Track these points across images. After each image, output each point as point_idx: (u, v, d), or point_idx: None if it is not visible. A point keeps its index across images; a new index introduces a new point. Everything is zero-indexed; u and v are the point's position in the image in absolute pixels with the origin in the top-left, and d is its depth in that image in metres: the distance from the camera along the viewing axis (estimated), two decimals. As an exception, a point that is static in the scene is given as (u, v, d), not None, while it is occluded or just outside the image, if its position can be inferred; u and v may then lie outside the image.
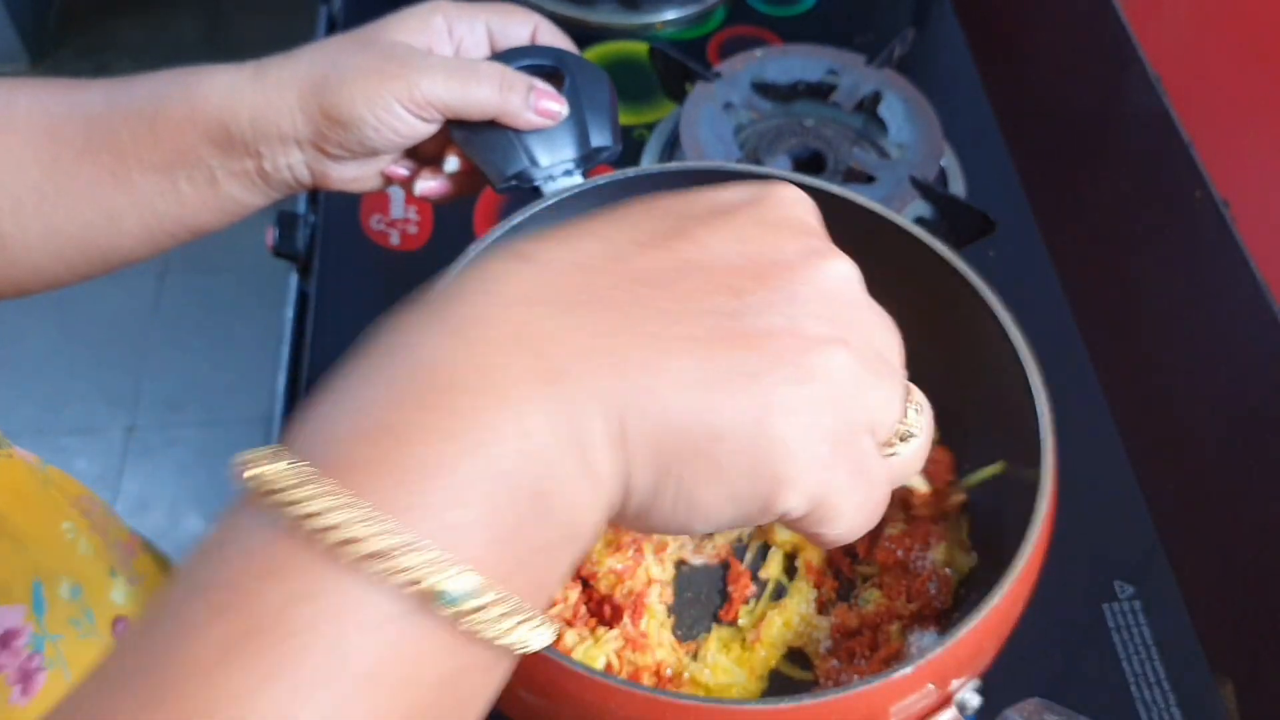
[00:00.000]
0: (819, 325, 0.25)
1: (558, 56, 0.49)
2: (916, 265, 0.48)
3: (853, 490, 0.26)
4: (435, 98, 0.44)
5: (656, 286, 0.24)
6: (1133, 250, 0.69)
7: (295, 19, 0.49)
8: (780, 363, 0.24)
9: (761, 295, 0.24)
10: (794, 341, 0.24)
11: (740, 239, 0.25)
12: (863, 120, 0.74)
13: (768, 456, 0.24)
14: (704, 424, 0.23)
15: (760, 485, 0.24)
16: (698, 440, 0.23)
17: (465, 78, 0.45)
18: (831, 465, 0.25)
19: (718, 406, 0.23)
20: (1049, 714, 0.36)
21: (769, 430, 0.24)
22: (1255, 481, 0.57)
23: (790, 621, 0.49)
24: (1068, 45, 0.79)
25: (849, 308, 0.26)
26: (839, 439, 0.25)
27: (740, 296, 0.24)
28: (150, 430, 1.59)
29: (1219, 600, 0.58)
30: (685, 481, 0.24)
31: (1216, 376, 0.60)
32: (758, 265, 0.25)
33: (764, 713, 0.34)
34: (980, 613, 0.37)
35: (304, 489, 0.21)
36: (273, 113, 0.44)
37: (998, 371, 0.45)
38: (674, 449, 0.23)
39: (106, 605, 0.51)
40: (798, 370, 0.24)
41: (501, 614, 0.21)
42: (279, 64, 0.45)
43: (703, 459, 0.23)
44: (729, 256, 0.25)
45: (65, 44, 2.07)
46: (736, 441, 0.24)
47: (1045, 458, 0.41)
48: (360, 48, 0.45)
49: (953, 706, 0.38)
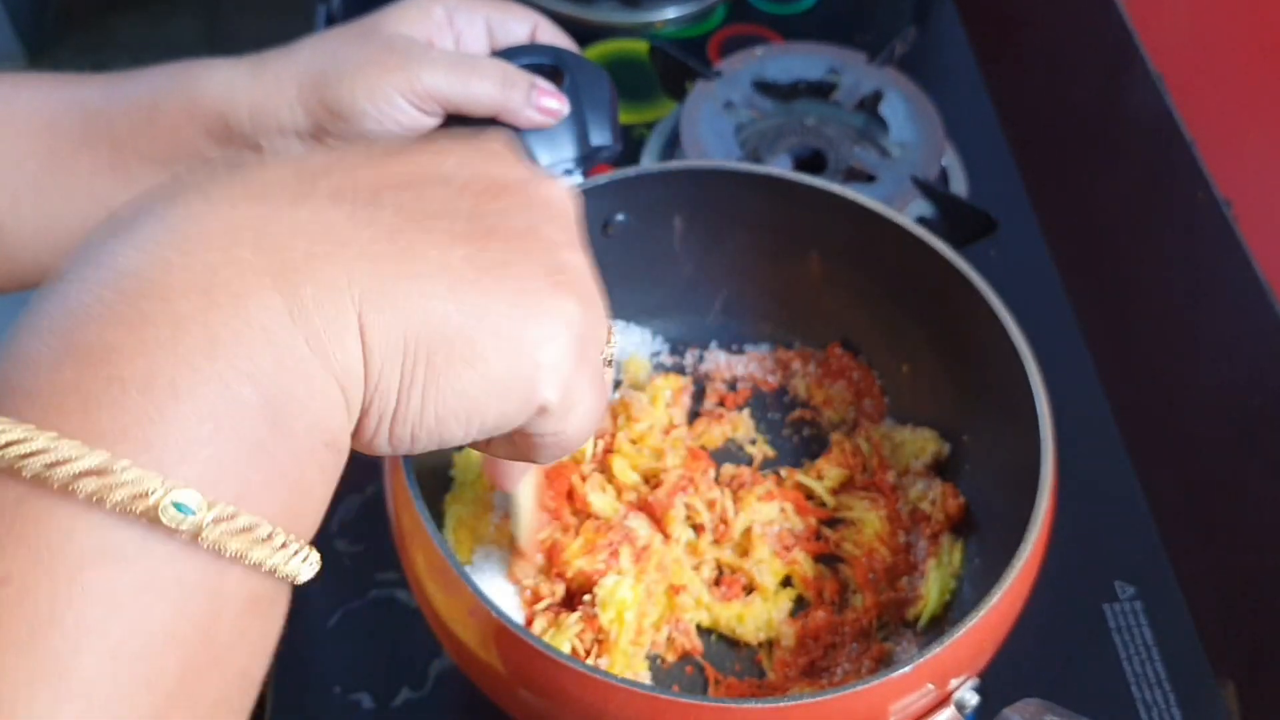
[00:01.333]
0: (558, 233, 0.25)
1: (557, 55, 0.49)
2: (917, 265, 0.48)
3: (592, 389, 0.26)
4: (436, 91, 0.44)
5: (395, 189, 0.23)
6: (1134, 249, 0.69)
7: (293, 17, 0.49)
8: (533, 258, 0.24)
9: (502, 203, 0.24)
10: (540, 243, 0.24)
11: (468, 163, 0.25)
12: (864, 119, 0.74)
13: (529, 352, 0.23)
14: (464, 310, 0.22)
15: (521, 369, 0.23)
16: (454, 336, 0.22)
17: (467, 72, 0.45)
18: (583, 360, 0.25)
19: (479, 293, 0.22)
20: (1049, 715, 0.36)
21: (534, 316, 0.23)
22: (1257, 482, 0.57)
23: None
24: (1070, 44, 0.79)
25: (573, 228, 0.27)
26: (587, 338, 0.25)
27: (482, 202, 0.24)
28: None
29: (1220, 600, 0.58)
30: (436, 375, 0.22)
31: (1218, 376, 0.60)
32: (491, 180, 0.25)
33: (764, 711, 0.34)
34: (980, 611, 0.37)
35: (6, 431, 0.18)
36: (272, 105, 0.44)
37: (998, 370, 0.45)
38: (428, 345, 0.22)
39: None
40: (553, 266, 0.24)
41: (243, 528, 0.19)
42: (278, 57, 0.45)
43: (460, 355, 0.22)
44: (462, 175, 0.25)
45: (63, 42, 2.07)
46: (497, 326, 0.23)
47: (1045, 457, 0.41)
48: (361, 40, 0.45)
49: (951, 705, 0.38)
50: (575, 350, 0.24)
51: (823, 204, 0.50)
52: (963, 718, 0.38)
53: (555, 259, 0.24)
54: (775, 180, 0.50)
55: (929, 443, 0.52)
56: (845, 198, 0.49)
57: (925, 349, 0.52)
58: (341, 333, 0.21)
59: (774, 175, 0.50)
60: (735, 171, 0.50)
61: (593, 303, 0.26)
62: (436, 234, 0.23)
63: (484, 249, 0.23)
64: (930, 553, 0.49)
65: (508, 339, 0.23)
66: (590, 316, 0.25)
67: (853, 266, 0.52)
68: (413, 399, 0.22)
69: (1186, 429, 0.63)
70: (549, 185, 0.27)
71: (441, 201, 0.23)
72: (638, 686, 0.35)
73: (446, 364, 0.22)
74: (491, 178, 0.25)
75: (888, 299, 0.53)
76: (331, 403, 0.21)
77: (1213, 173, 0.61)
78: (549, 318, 0.24)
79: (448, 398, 0.23)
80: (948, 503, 0.50)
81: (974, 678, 0.38)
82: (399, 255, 0.22)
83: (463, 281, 0.22)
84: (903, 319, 0.53)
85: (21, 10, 1.97)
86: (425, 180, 0.24)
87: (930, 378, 0.53)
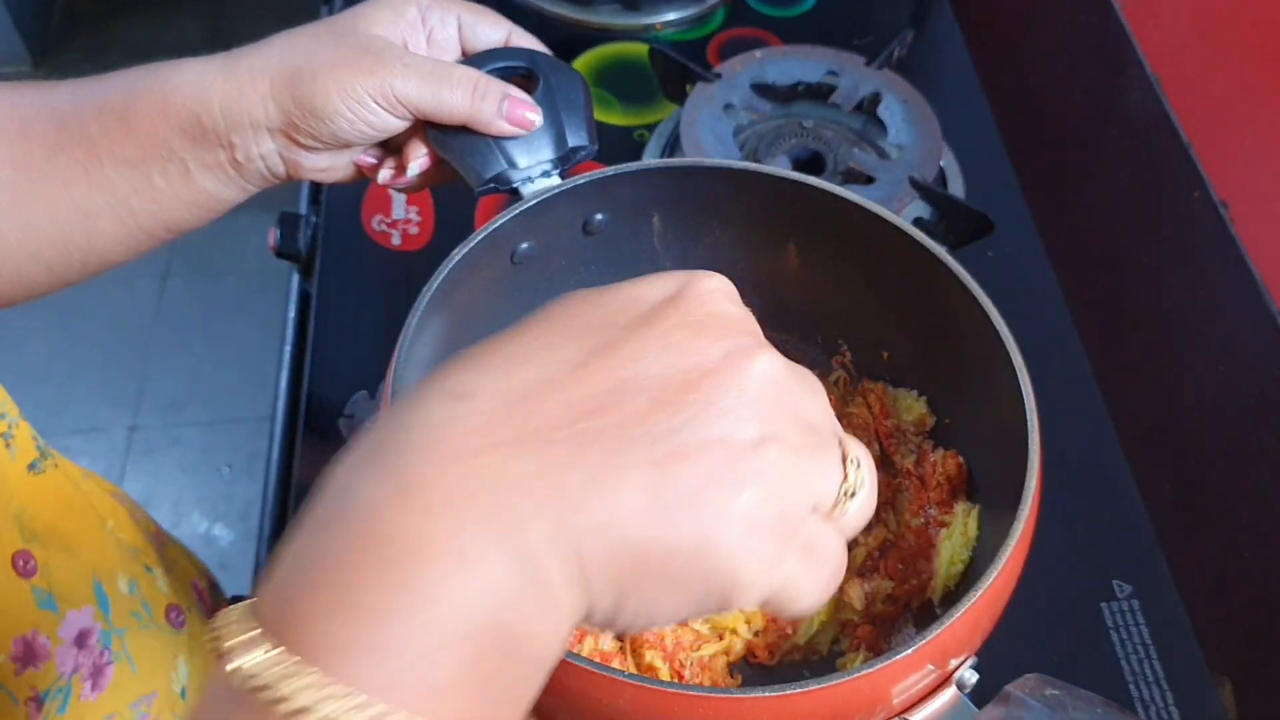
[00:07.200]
0: (749, 428, 0.26)
1: (531, 58, 0.49)
2: (912, 265, 0.48)
3: (805, 573, 0.27)
4: (407, 98, 0.45)
5: (595, 415, 0.25)
6: (1131, 250, 0.69)
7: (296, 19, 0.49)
8: (716, 476, 0.25)
9: (694, 408, 0.26)
10: (727, 451, 0.25)
11: (668, 347, 0.26)
12: (862, 121, 0.74)
13: (718, 566, 0.25)
14: (656, 546, 0.25)
15: (714, 590, 0.26)
16: (651, 561, 0.25)
17: (438, 81, 0.45)
18: (779, 559, 0.26)
19: (666, 528, 0.25)
20: (1049, 688, 0.36)
21: (715, 544, 0.25)
22: (1253, 481, 0.57)
23: None
24: (1067, 46, 0.79)
25: (775, 400, 0.27)
26: (783, 532, 0.26)
27: (675, 413, 0.25)
28: (152, 430, 1.59)
29: (1217, 599, 0.58)
30: (645, 595, 0.25)
31: (1215, 376, 0.61)
32: (687, 375, 0.26)
33: (769, 700, 0.34)
34: (977, 591, 0.37)
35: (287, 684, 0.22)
36: (245, 101, 0.44)
37: (986, 367, 0.45)
38: (630, 571, 0.25)
39: (157, 595, 0.52)
40: (734, 479, 0.25)
41: None
42: (250, 53, 0.45)
43: (658, 576, 0.25)
44: (659, 369, 0.26)
45: (68, 45, 2.08)
46: (687, 558, 0.25)
47: (1031, 441, 0.41)
48: (336, 39, 0.45)
49: (953, 685, 0.38)
50: (767, 558, 0.26)
51: (796, 195, 0.50)
52: (963, 696, 0.38)
53: (740, 472, 0.26)
54: (747, 174, 0.50)
55: (917, 405, 0.53)
56: (843, 199, 0.49)
57: (919, 348, 0.53)
58: (566, 573, 0.24)
59: (745, 169, 0.50)
60: (708, 167, 0.51)
61: (787, 488, 0.26)
62: (635, 469, 0.25)
63: (676, 477, 0.25)
64: (940, 523, 0.49)
65: (698, 570, 0.25)
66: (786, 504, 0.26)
67: (830, 256, 0.53)
68: (621, 616, 0.26)
69: (1183, 429, 0.63)
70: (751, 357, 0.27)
71: (639, 425, 0.25)
72: (643, 681, 0.35)
73: (652, 593, 0.25)
74: (694, 367, 0.26)
75: (865, 286, 0.53)
76: (554, 633, 0.25)
77: (1209, 174, 0.61)
78: (735, 543, 0.25)
79: (655, 613, 0.26)
80: (947, 463, 0.50)
81: (973, 656, 0.39)
82: (602, 496, 0.24)
83: (659, 519, 0.25)
84: (898, 318, 0.53)
85: (26, 14, 1.98)
86: (625, 394, 0.25)
87: (924, 375, 0.53)
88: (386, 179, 0.49)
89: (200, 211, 0.47)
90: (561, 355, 0.26)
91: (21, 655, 0.41)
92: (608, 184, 0.50)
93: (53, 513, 0.47)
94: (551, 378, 0.25)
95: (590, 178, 0.49)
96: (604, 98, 0.80)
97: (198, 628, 0.54)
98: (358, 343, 0.67)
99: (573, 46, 0.83)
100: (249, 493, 1.51)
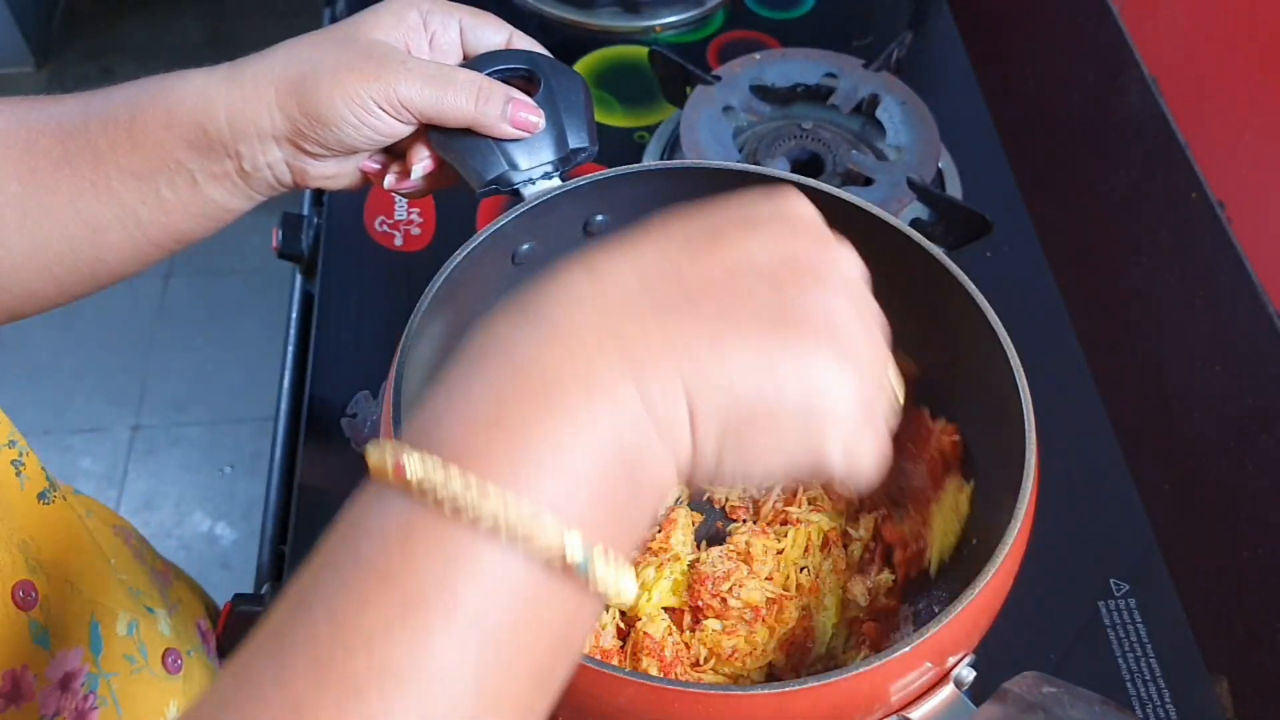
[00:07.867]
0: (845, 309, 0.30)
1: (532, 60, 0.50)
2: (911, 267, 0.48)
3: (874, 443, 0.31)
4: (411, 103, 0.45)
5: (714, 293, 0.29)
6: (1129, 251, 0.69)
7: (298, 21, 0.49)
8: (821, 343, 0.29)
9: (796, 288, 0.29)
10: (829, 323, 0.29)
11: (770, 242, 0.30)
12: (861, 123, 0.75)
13: (818, 423, 0.29)
14: (763, 397, 0.28)
15: (810, 444, 0.29)
16: (757, 411, 0.28)
17: (442, 85, 0.45)
18: (862, 425, 0.30)
19: (775, 382, 0.28)
20: (1047, 686, 0.37)
21: (818, 401, 0.28)
22: (1250, 480, 0.57)
23: None
24: (1064, 48, 0.79)
25: (860, 291, 0.31)
26: (867, 403, 0.30)
27: (780, 290, 0.29)
28: (155, 429, 1.59)
29: (1214, 598, 0.58)
30: (746, 442, 0.28)
31: (1212, 376, 0.61)
32: (788, 264, 0.30)
33: (768, 697, 0.35)
34: (975, 589, 0.37)
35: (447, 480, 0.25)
36: (250, 110, 0.44)
37: (984, 367, 0.45)
38: (737, 419, 0.28)
39: (156, 637, 0.51)
40: (836, 348, 0.29)
41: (604, 566, 0.26)
42: (254, 62, 0.45)
43: (761, 426, 0.28)
44: (764, 258, 0.30)
45: (70, 47, 2.08)
46: (791, 410, 0.28)
47: (1029, 440, 0.41)
48: (339, 45, 0.45)
49: (950, 682, 0.38)
50: (856, 418, 0.29)
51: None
52: (961, 693, 0.38)
53: (840, 340, 0.29)
54: (747, 175, 0.50)
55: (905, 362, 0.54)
56: (842, 200, 0.49)
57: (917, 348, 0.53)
58: (678, 417, 0.27)
59: (745, 171, 0.50)
60: (708, 169, 0.51)
61: (871, 368, 0.30)
62: (746, 334, 0.28)
63: (785, 342, 0.28)
64: (933, 498, 0.50)
65: (800, 423, 0.29)
66: (870, 383, 0.30)
67: None
68: (724, 463, 0.29)
69: (1180, 428, 0.63)
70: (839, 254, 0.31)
71: (750, 299, 0.29)
72: (644, 679, 0.36)
73: (753, 441, 0.28)
74: (794, 258, 0.30)
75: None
76: (668, 468, 0.28)
77: (1206, 175, 0.62)
78: (833, 398, 0.29)
79: (751, 461, 0.29)
80: (942, 439, 0.50)
81: (970, 654, 0.39)
82: (719, 355, 0.28)
83: (767, 374, 0.28)
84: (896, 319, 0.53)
85: (28, 15, 1.98)
86: (738, 275, 0.29)
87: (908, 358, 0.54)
88: (392, 184, 0.49)
89: (208, 222, 0.47)
90: (680, 246, 0.30)
91: (9, 691, 0.40)
92: (608, 185, 0.50)
93: (59, 545, 0.46)
94: (673, 265, 0.29)
95: (591, 179, 0.49)
96: (604, 100, 0.81)
97: (196, 672, 0.52)
98: (360, 343, 0.68)
99: (573, 49, 0.83)
100: (251, 492, 1.51)
